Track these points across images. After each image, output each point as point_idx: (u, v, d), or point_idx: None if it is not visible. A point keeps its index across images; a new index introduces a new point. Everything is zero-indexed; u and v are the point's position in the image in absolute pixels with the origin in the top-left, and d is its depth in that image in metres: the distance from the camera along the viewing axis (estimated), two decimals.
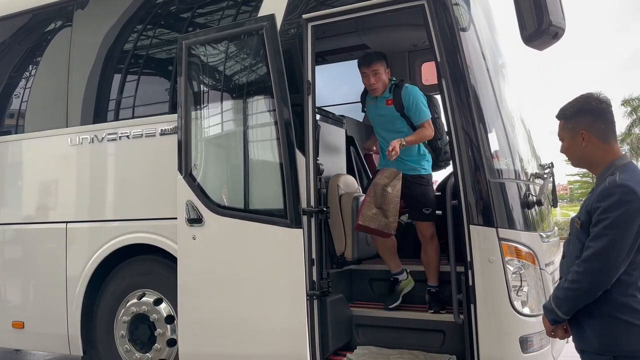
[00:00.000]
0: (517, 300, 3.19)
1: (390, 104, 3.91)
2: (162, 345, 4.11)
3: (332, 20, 3.69)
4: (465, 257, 3.24)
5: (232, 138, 3.97)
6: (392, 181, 3.69)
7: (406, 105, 3.86)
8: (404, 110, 3.87)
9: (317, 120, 3.79)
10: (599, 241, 2.05)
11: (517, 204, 3.35)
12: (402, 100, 3.86)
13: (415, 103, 3.85)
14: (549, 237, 3.75)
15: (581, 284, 2.08)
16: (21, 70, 5.16)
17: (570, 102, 2.30)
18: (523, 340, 3.17)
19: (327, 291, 3.60)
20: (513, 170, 3.51)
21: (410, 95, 3.87)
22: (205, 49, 3.95)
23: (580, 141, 2.23)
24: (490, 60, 3.66)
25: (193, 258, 3.81)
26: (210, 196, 3.80)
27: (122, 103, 4.55)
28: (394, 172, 3.72)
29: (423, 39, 4.66)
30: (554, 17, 3.05)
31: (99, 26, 4.65)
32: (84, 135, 4.47)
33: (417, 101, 3.85)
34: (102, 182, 4.44)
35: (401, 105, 3.86)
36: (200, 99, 3.97)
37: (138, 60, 4.63)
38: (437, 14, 3.37)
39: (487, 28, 3.86)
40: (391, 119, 3.95)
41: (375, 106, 4.04)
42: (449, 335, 3.56)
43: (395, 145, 3.68)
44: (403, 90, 3.88)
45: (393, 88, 3.94)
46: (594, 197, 2.14)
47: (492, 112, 3.50)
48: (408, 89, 3.89)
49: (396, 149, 3.66)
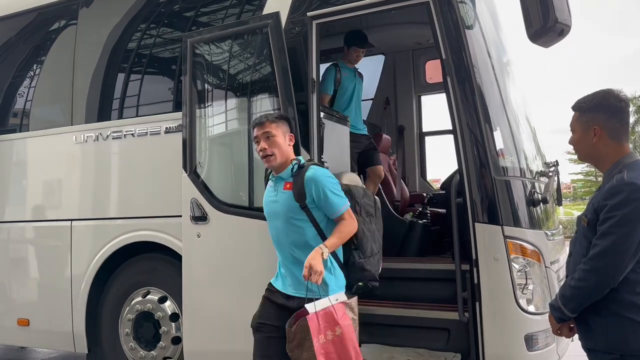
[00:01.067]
0: (523, 298, 3.19)
1: (289, 189, 2.81)
2: (166, 343, 4.12)
3: (336, 18, 3.69)
4: (470, 255, 3.23)
5: (236, 136, 3.97)
6: None
7: (312, 196, 2.75)
8: (305, 200, 2.75)
9: (321, 118, 3.78)
10: (606, 239, 2.04)
11: (522, 202, 3.34)
12: (306, 188, 2.75)
13: (328, 191, 2.74)
14: (554, 235, 3.74)
15: (588, 282, 2.07)
16: (26, 68, 5.17)
17: (589, 95, 2.27)
18: (528, 338, 3.17)
19: None
20: (518, 168, 3.50)
21: (319, 181, 2.74)
22: (210, 47, 3.95)
23: (592, 136, 2.21)
24: (496, 58, 3.66)
25: (198, 256, 3.81)
26: (214, 194, 3.80)
27: (126, 101, 4.56)
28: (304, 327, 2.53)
29: (427, 36, 4.67)
30: (560, 14, 3.04)
31: (104, 24, 4.66)
32: (88, 133, 4.48)
33: (330, 188, 2.75)
34: (107, 180, 4.45)
35: (303, 194, 2.75)
36: (204, 97, 3.98)
37: (142, 58, 4.63)
38: (442, 11, 3.36)
39: (492, 25, 3.85)
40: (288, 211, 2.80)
41: (273, 189, 2.91)
42: (454, 333, 3.55)
43: (316, 262, 2.56)
44: (308, 177, 2.75)
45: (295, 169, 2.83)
46: (601, 194, 2.13)
47: (497, 109, 3.49)
48: (317, 174, 2.76)
49: (317, 267, 2.55)
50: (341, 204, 2.77)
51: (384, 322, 3.84)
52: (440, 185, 5.32)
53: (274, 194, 2.87)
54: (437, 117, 4.96)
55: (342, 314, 2.59)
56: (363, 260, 2.86)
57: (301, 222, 2.76)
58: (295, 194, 2.75)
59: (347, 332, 2.56)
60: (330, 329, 2.54)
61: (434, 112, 6.19)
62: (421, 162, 5.96)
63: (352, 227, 2.80)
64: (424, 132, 6.03)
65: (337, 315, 2.56)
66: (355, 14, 3.66)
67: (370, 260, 2.88)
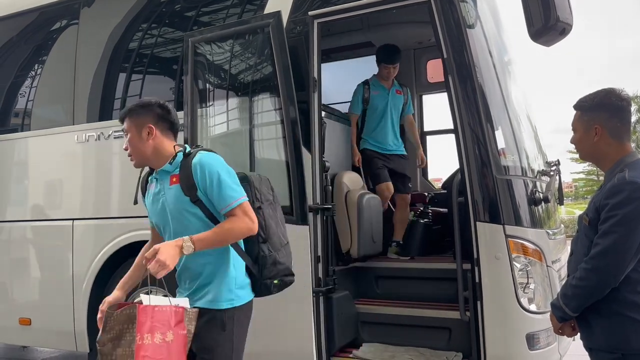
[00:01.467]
0: (524, 298, 3.19)
1: (176, 183, 2.38)
2: None
3: (337, 17, 3.69)
4: (472, 254, 3.23)
5: (237, 135, 3.97)
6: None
7: (201, 186, 2.32)
8: (196, 192, 2.32)
9: (322, 118, 3.78)
10: (607, 238, 2.04)
11: (524, 201, 3.34)
12: (194, 178, 2.33)
13: (217, 180, 2.31)
14: (555, 234, 3.74)
15: (589, 281, 2.07)
16: (28, 67, 5.18)
17: (591, 94, 2.27)
18: (530, 338, 3.16)
19: (332, 288, 3.60)
20: (520, 167, 3.50)
21: (206, 169, 2.32)
22: (211, 47, 3.95)
23: (593, 135, 2.21)
24: (497, 57, 3.65)
25: None
26: None
27: (128, 100, 4.56)
28: None
29: (429, 36, 4.66)
30: (561, 13, 3.03)
31: (106, 24, 4.66)
32: (90, 133, 4.48)
33: (220, 176, 2.32)
34: (108, 179, 4.46)
35: (193, 185, 2.32)
36: (206, 96, 3.98)
37: (144, 57, 4.63)
38: (443, 10, 3.36)
39: (494, 24, 3.85)
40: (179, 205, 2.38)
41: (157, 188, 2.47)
42: (455, 332, 3.55)
43: (165, 255, 2.14)
44: (194, 164, 2.34)
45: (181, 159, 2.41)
46: (602, 193, 2.13)
47: (498, 108, 3.49)
48: (204, 160, 2.34)
49: (165, 261, 2.13)
50: (233, 196, 2.31)
51: (385, 321, 3.84)
52: (441, 184, 5.31)
53: (159, 194, 2.41)
54: (438, 116, 4.96)
55: (179, 321, 2.18)
56: (275, 253, 2.49)
57: (194, 220, 2.33)
58: (184, 186, 2.32)
59: (178, 342, 2.15)
60: (161, 331, 2.12)
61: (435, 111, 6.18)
62: None
63: (241, 226, 2.30)
64: (425, 131, 6.02)
65: (173, 320, 2.15)
66: (357, 13, 3.65)
67: (282, 252, 2.54)
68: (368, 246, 4.22)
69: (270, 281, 2.49)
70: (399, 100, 4.92)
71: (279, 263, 2.51)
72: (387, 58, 4.78)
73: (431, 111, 6.35)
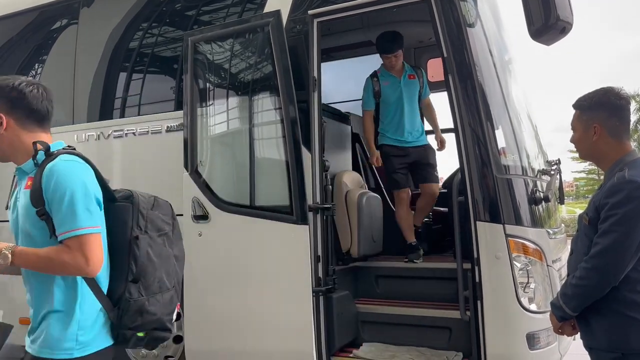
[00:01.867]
0: (524, 297, 3.18)
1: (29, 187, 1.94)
2: (168, 342, 4.12)
3: (337, 16, 3.69)
4: (472, 253, 3.22)
5: (237, 134, 3.96)
6: None
7: (49, 199, 1.85)
8: (44, 205, 1.86)
9: (322, 117, 3.78)
10: (607, 237, 2.03)
11: (524, 201, 3.33)
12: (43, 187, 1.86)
13: (65, 198, 1.84)
14: (556, 233, 3.73)
15: (589, 280, 2.07)
16: (28, 67, 5.18)
17: (590, 93, 2.27)
18: (530, 337, 3.16)
19: (332, 288, 3.59)
20: (520, 166, 3.49)
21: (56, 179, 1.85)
22: (211, 46, 3.95)
23: (592, 135, 2.20)
24: (497, 56, 3.65)
25: (199, 254, 3.81)
26: (216, 193, 3.80)
27: (128, 100, 4.56)
28: None
29: (429, 35, 4.65)
30: (561, 11, 3.02)
31: (105, 23, 4.66)
32: (90, 132, 4.48)
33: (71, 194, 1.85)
34: (108, 178, 4.42)
35: (41, 196, 1.86)
36: (206, 95, 3.97)
37: (144, 57, 4.63)
38: (443, 9, 3.35)
39: (494, 23, 3.84)
40: None
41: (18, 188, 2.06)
42: (456, 332, 3.55)
43: None
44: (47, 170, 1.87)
45: None
46: (602, 193, 2.12)
47: (499, 107, 3.48)
48: (59, 169, 1.87)
49: None
50: (74, 224, 1.81)
51: (385, 320, 3.84)
52: (441, 183, 5.30)
53: (16, 195, 2.01)
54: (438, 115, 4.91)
55: None
56: (144, 299, 1.95)
57: (41, 236, 1.88)
58: (33, 195, 1.86)
59: None
60: None
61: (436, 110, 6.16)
62: None
63: (66, 262, 1.81)
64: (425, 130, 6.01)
65: None
66: (356, 12, 3.65)
67: (157, 299, 1.99)
68: (368, 246, 4.21)
69: (132, 333, 1.95)
70: (414, 87, 4.60)
71: (147, 312, 1.95)
72: (384, 48, 4.56)
73: None
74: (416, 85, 4.62)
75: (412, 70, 4.65)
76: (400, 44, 4.56)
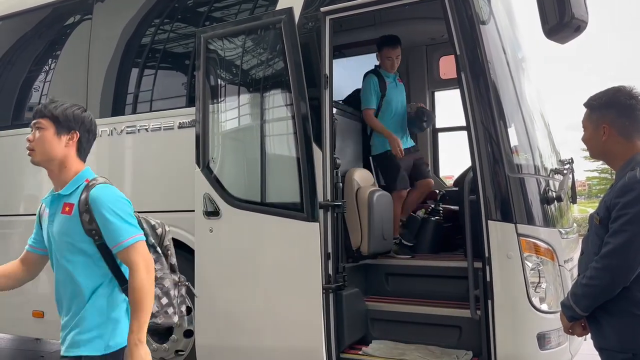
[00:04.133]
0: (535, 297, 3.16)
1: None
2: (179, 336, 4.15)
3: (350, 13, 3.68)
4: (483, 252, 3.21)
5: (249, 131, 3.97)
6: None
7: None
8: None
9: (334, 114, 3.77)
10: (618, 237, 2.02)
11: (536, 200, 3.31)
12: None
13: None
14: (568, 233, 3.71)
15: (600, 280, 2.06)
16: (41, 63, 5.23)
17: (600, 92, 2.25)
18: (541, 337, 3.14)
19: (342, 285, 3.60)
20: (532, 165, 3.47)
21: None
22: (223, 43, 3.96)
23: (601, 134, 2.19)
24: (511, 54, 3.62)
25: (210, 250, 3.83)
26: (227, 189, 3.82)
27: (140, 96, 4.58)
28: None
29: (441, 32, 4.63)
30: (576, 10, 2.99)
31: (119, 19, 4.69)
32: (103, 128, 4.50)
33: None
34: (120, 174, 4.48)
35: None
36: (217, 92, 3.98)
37: (156, 53, 4.66)
38: (456, 6, 3.33)
39: (508, 21, 3.81)
40: None
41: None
42: (466, 331, 3.54)
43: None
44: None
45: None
46: (613, 192, 2.11)
47: (511, 106, 3.46)
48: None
49: None
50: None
51: (395, 318, 3.84)
52: (453, 182, 5.28)
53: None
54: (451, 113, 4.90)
55: None
56: None
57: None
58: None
59: None
60: None
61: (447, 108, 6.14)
62: (434, 158, 5.91)
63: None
64: (437, 128, 5.99)
65: None
66: (369, 9, 3.64)
67: None
68: (378, 243, 4.20)
69: None
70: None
71: None
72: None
73: (443, 108, 6.32)
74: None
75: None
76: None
